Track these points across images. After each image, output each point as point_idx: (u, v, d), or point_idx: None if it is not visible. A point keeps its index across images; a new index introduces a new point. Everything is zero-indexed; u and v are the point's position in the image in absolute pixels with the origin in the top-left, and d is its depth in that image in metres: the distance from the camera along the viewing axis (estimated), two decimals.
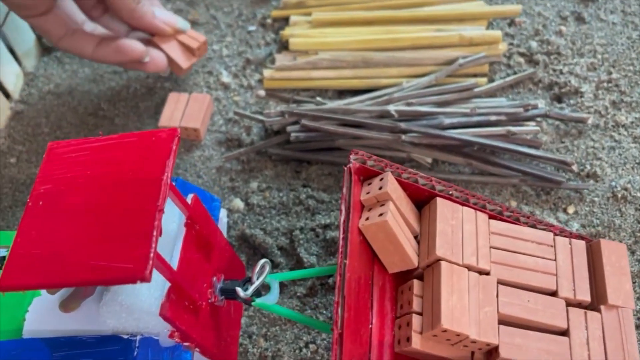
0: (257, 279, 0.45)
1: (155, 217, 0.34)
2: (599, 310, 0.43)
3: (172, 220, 0.44)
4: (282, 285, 0.58)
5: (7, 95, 0.74)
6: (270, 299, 0.45)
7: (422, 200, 0.46)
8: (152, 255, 0.33)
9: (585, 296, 0.43)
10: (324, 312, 0.56)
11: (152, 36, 0.67)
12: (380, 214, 0.42)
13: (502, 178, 0.62)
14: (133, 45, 0.65)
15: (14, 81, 0.75)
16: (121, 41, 0.65)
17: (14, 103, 0.74)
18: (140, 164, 0.37)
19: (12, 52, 0.75)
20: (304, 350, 0.54)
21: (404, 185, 0.45)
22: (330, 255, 0.59)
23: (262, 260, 0.45)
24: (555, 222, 0.59)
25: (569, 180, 0.62)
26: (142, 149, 0.38)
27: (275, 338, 0.55)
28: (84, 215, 0.36)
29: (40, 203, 0.37)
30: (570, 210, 0.60)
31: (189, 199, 0.43)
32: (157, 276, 0.40)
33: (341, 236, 0.42)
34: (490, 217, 0.46)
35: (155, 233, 0.34)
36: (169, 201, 0.41)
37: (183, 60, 0.67)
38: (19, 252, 0.35)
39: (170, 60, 0.68)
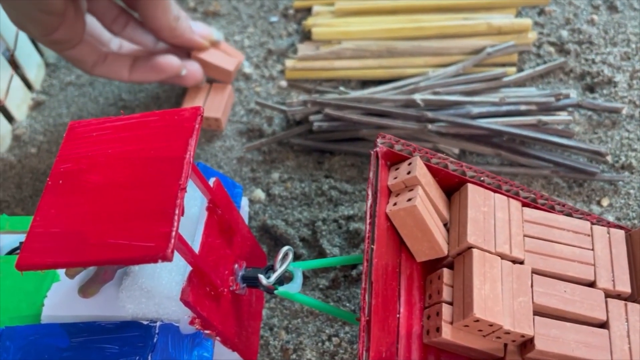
0: (280, 266, 0.43)
1: (178, 196, 0.33)
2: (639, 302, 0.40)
3: (194, 204, 0.43)
4: (304, 277, 0.56)
5: (29, 86, 0.74)
6: (294, 288, 0.44)
7: (451, 187, 0.44)
8: (174, 233, 0.32)
9: (625, 287, 0.41)
10: (347, 304, 0.54)
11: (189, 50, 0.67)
12: (409, 199, 0.41)
13: (533, 169, 0.60)
14: (169, 60, 0.64)
15: (36, 72, 0.74)
16: (156, 59, 0.63)
17: (36, 93, 0.74)
18: (163, 143, 0.36)
19: (33, 43, 0.75)
20: (327, 343, 0.52)
21: (433, 171, 0.44)
22: (353, 247, 0.57)
23: (285, 248, 0.44)
24: None
25: (603, 172, 0.59)
26: (164, 128, 0.37)
27: (297, 331, 0.53)
28: (105, 194, 0.34)
29: (60, 182, 0.36)
30: (605, 202, 0.58)
31: (212, 182, 0.42)
32: (178, 260, 0.39)
33: (368, 221, 0.40)
34: (524, 204, 0.44)
35: (177, 212, 0.33)
36: (190, 185, 0.39)
37: (229, 64, 0.67)
38: (38, 231, 0.34)
39: (215, 68, 0.67)
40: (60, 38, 0.57)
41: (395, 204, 0.41)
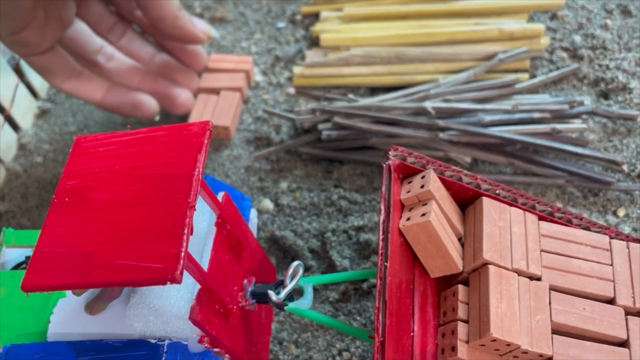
0: (290, 282, 0.42)
1: (187, 215, 0.32)
2: None
3: (202, 219, 0.42)
4: (314, 290, 0.55)
5: (34, 94, 0.73)
6: (304, 304, 0.43)
7: (466, 200, 0.43)
8: (183, 254, 0.31)
9: None
10: (358, 318, 0.53)
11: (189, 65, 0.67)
12: (423, 214, 0.40)
13: (547, 179, 0.58)
14: (150, 103, 0.62)
15: (41, 80, 0.74)
16: (139, 96, 0.62)
17: (41, 102, 0.73)
18: (171, 159, 0.35)
19: None
20: (337, 358, 0.51)
21: (446, 184, 0.43)
22: (363, 259, 0.56)
23: (295, 263, 0.43)
24: None
25: (619, 181, 0.58)
26: (172, 143, 0.36)
27: (307, 345, 0.52)
28: (112, 212, 0.34)
29: (67, 199, 0.35)
30: (621, 213, 0.57)
31: (220, 197, 0.41)
32: (186, 278, 0.38)
33: (381, 237, 0.39)
34: (540, 218, 0.43)
35: (186, 231, 0.32)
36: (199, 199, 0.39)
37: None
38: (44, 251, 0.33)
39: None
40: (27, 39, 0.54)
41: (408, 219, 0.40)
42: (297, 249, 0.57)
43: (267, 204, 0.61)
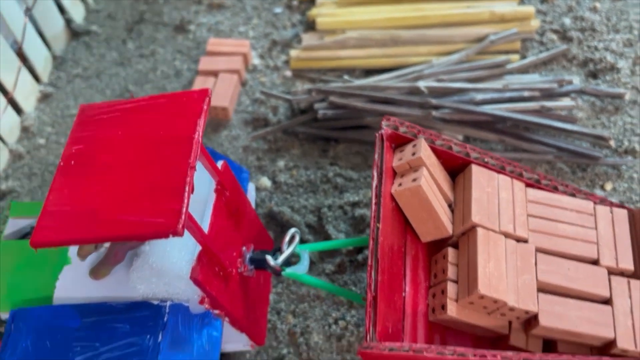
0: (287, 248, 0.44)
1: (187, 174, 0.34)
2: None
3: (203, 186, 0.43)
4: (311, 263, 0.57)
5: (36, 79, 0.74)
6: (300, 269, 0.44)
7: (456, 169, 0.45)
8: (184, 209, 0.32)
9: (628, 264, 0.41)
10: (354, 288, 0.55)
11: None
12: (414, 179, 0.41)
13: (536, 155, 0.60)
14: None
15: (43, 64, 0.75)
16: None
17: (43, 86, 0.75)
18: (172, 124, 0.37)
19: (41, 35, 0.75)
20: (334, 326, 0.53)
21: (437, 153, 0.44)
22: (359, 233, 0.58)
23: (292, 230, 0.44)
24: None
25: (607, 157, 0.60)
26: (173, 109, 0.38)
27: (304, 314, 0.54)
28: (116, 173, 0.35)
29: (72, 162, 0.36)
30: (608, 187, 0.58)
31: (219, 164, 0.43)
32: (187, 240, 0.40)
33: (373, 201, 0.41)
34: (528, 185, 0.44)
35: (187, 189, 0.33)
36: (199, 167, 0.40)
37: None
38: (51, 210, 0.34)
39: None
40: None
41: (400, 185, 0.42)
42: (294, 224, 0.59)
43: (265, 181, 0.63)
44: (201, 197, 0.43)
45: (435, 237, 0.43)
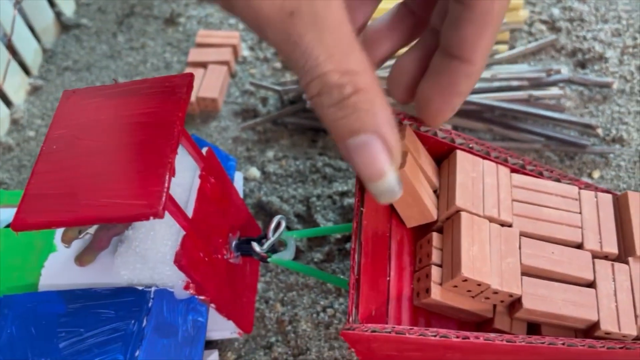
0: (273, 235, 0.44)
1: (169, 157, 0.34)
2: (626, 263, 0.41)
3: (188, 173, 0.43)
4: (299, 251, 0.57)
5: (26, 71, 0.74)
6: (286, 255, 0.44)
7: (441, 155, 0.45)
8: (165, 192, 0.32)
9: (612, 248, 0.41)
10: (342, 277, 0.55)
11: None
12: None
13: (524, 143, 0.60)
14: None
15: (33, 57, 0.75)
16: None
17: (33, 79, 0.75)
18: (154, 109, 0.37)
19: (31, 29, 0.75)
20: (321, 314, 0.53)
21: (422, 139, 0.44)
22: (347, 222, 0.58)
23: (278, 217, 0.44)
24: None
25: (594, 145, 0.60)
26: (155, 94, 0.38)
27: (292, 303, 0.54)
28: (98, 157, 0.35)
29: (54, 147, 0.36)
30: (596, 175, 0.58)
31: (204, 151, 0.43)
32: (172, 226, 0.40)
33: (357, 187, 0.41)
34: (513, 170, 0.44)
35: (168, 171, 0.33)
36: (184, 153, 0.40)
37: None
38: (33, 193, 0.34)
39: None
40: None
41: None
42: (283, 213, 0.59)
43: (254, 172, 0.63)
44: (186, 183, 0.43)
45: (420, 222, 0.43)
